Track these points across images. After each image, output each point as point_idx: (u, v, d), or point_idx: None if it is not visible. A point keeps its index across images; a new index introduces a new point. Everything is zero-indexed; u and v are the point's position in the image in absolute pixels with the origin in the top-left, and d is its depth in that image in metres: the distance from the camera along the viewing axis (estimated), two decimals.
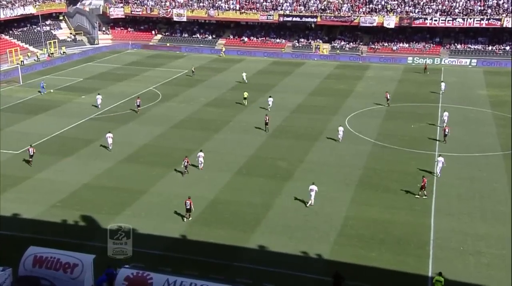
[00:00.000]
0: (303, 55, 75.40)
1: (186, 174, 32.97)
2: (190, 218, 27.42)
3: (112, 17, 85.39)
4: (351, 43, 78.01)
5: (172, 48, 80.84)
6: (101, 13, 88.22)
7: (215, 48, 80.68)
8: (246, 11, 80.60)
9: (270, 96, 48.44)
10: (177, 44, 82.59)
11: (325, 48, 76.73)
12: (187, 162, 33.18)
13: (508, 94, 52.80)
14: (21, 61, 67.40)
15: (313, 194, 28.80)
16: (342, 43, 78.25)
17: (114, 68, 67.40)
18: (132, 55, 77.17)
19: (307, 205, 28.93)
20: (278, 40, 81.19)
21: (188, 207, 27.25)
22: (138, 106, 46.58)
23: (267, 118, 41.66)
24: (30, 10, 76.58)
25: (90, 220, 27.44)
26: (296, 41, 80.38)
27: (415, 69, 66.34)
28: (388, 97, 48.85)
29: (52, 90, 54.52)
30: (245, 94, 49.42)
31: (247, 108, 47.98)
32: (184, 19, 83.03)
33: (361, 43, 77.81)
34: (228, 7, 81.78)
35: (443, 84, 51.65)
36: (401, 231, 26.27)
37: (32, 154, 34.78)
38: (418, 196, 29.87)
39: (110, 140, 37.13)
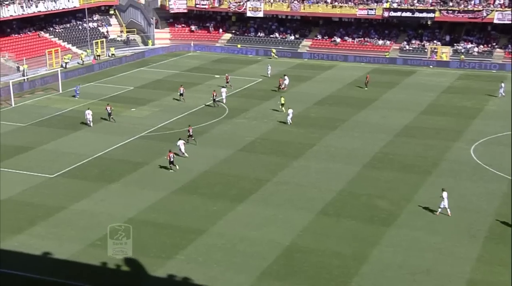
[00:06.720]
0: (415, 61, 74.46)
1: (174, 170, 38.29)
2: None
3: (172, 11, 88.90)
4: (482, 46, 75.96)
5: (244, 51, 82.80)
6: (159, 6, 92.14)
7: (297, 51, 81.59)
8: (340, 4, 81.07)
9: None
10: (250, 45, 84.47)
11: (445, 52, 75.22)
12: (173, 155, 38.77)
13: None
14: (65, 63, 71.34)
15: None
16: (469, 46, 76.39)
17: (172, 75, 69.85)
18: (194, 59, 79.75)
19: None
20: (380, 42, 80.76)
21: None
22: (181, 95, 56.74)
23: (215, 94, 54.57)
24: (74, 3, 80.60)
25: (135, 264, 28.16)
26: (405, 43, 79.58)
27: None
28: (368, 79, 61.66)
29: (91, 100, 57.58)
30: (282, 100, 53.72)
31: (337, 130, 47.77)
32: (261, 14, 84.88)
33: (496, 46, 75.57)
34: None
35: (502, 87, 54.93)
36: None
37: (110, 111, 48.92)
38: None
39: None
